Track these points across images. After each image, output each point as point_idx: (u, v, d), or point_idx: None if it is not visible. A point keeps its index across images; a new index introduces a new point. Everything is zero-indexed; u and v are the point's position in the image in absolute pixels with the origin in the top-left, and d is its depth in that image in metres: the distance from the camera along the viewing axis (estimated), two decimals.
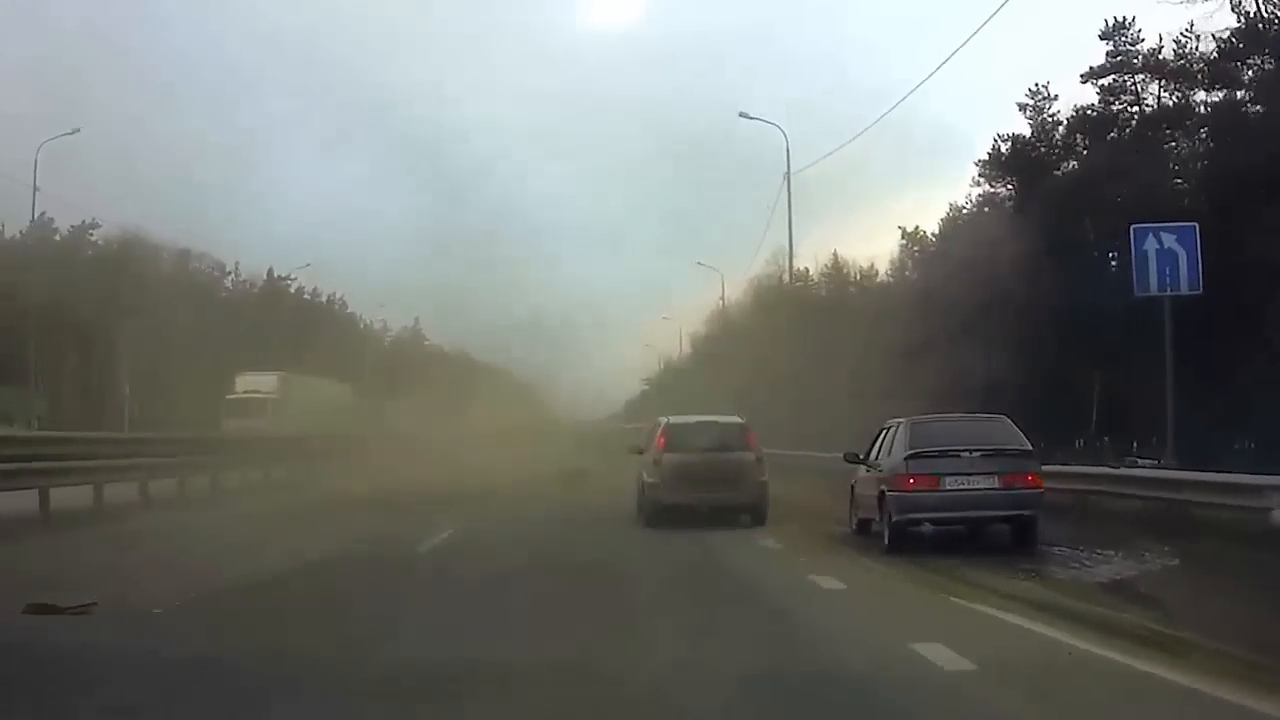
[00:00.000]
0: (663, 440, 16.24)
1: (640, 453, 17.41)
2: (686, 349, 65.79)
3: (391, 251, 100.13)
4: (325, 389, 49.41)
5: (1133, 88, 31.10)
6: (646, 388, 75.35)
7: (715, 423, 17.46)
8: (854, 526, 14.12)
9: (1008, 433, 12.44)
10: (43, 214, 52.89)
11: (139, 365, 51.81)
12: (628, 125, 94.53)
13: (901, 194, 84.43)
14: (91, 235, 54.60)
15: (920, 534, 12.20)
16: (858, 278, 48.70)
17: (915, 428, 12.54)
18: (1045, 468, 13.15)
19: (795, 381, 34.68)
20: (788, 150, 31.01)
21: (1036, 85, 34.67)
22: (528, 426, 57.61)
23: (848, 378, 33.60)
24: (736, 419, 17.65)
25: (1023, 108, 34.76)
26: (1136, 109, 31.09)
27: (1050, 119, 34.40)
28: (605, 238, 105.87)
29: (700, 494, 15.49)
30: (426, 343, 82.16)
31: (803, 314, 37.44)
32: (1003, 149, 34.74)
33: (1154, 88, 30.61)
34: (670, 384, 65.00)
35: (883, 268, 46.80)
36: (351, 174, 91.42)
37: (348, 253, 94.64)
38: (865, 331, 35.23)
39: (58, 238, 54.61)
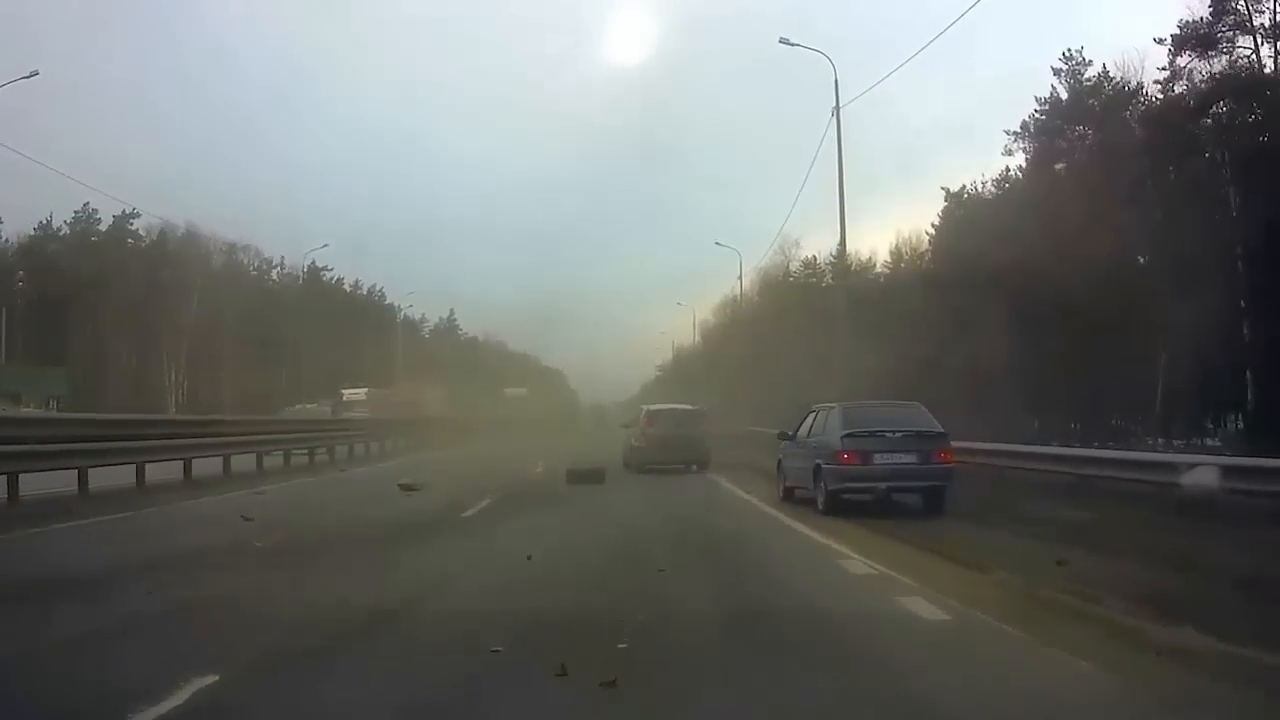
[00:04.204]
0: (645, 420, 24.60)
1: (628, 427, 26.04)
2: (697, 337, 67.76)
3: (426, 244, 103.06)
4: None
5: (1240, 6, 28.17)
6: (660, 373, 79.04)
7: (680, 409, 25.53)
8: (781, 494, 16.22)
9: (923, 417, 14.48)
10: (86, 204, 55.23)
11: (191, 351, 54.02)
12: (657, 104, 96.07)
13: (905, 187, 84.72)
14: (132, 224, 56.47)
15: (849, 500, 13.89)
16: (856, 268, 50.48)
17: (846, 412, 14.57)
18: (972, 445, 16.19)
19: (799, 368, 36.32)
20: (836, 82, 26.72)
21: (1070, 50, 34.83)
22: (548, 408, 60.17)
23: (875, 360, 33.53)
24: (695, 407, 26.21)
25: (1058, 72, 35.00)
26: (1245, 31, 28.27)
27: (1084, 83, 34.26)
28: (626, 227, 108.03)
29: (667, 454, 23.42)
30: (461, 332, 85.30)
31: (824, 297, 38.68)
32: (1064, 97, 34.45)
33: (1268, 3, 27.62)
34: (681, 370, 67.62)
35: (880, 259, 49.44)
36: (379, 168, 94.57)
37: (380, 245, 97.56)
38: (894, 310, 35.29)
39: (101, 228, 56.66)
